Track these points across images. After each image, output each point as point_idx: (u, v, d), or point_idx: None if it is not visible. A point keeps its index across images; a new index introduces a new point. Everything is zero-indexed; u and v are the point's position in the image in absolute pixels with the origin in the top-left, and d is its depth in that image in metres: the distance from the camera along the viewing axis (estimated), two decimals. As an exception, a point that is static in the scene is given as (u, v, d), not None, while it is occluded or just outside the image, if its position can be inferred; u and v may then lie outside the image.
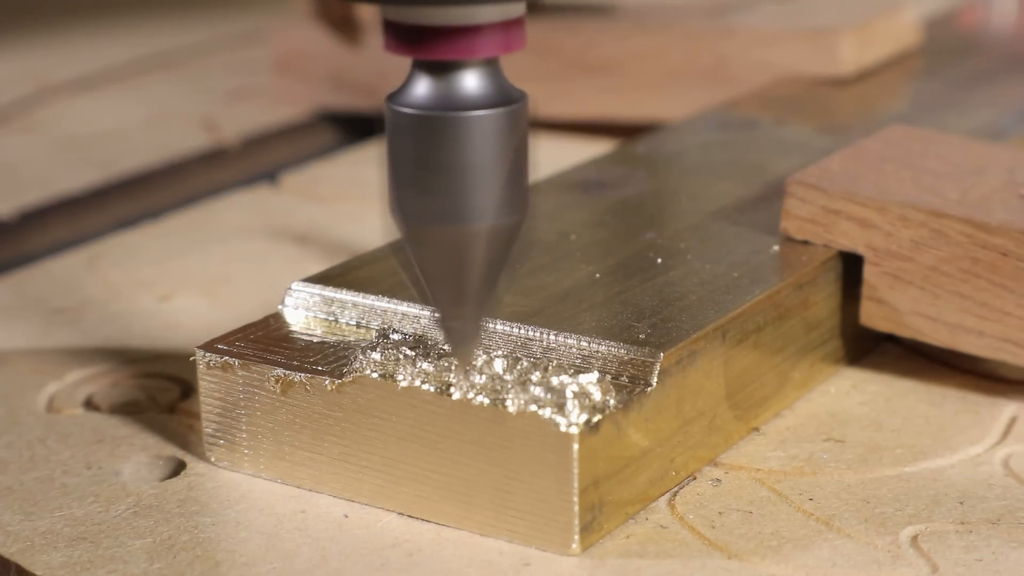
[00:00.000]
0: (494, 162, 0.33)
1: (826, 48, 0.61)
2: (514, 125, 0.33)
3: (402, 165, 0.34)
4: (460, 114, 0.33)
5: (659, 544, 0.35)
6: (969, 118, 0.55)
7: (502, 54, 0.33)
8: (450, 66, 0.33)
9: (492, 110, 0.33)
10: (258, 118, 0.70)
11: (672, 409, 0.37)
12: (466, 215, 0.33)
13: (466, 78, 0.33)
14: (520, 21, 0.33)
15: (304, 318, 0.40)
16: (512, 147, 0.33)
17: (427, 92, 0.33)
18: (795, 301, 0.41)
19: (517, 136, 0.33)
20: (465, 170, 0.33)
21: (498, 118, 0.33)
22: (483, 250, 0.34)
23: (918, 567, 0.34)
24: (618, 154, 0.52)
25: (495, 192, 0.33)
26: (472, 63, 0.33)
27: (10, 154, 0.67)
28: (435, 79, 0.33)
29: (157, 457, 0.40)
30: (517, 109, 0.33)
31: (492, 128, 0.33)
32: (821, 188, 0.42)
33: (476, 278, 0.34)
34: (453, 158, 0.33)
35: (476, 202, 0.33)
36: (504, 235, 0.34)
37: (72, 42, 0.89)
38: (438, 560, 0.35)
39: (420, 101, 0.33)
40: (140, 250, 0.55)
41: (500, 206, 0.33)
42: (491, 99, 0.33)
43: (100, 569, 0.35)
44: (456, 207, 0.33)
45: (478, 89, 0.33)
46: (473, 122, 0.33)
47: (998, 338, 0.40)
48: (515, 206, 0.34)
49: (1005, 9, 0.74)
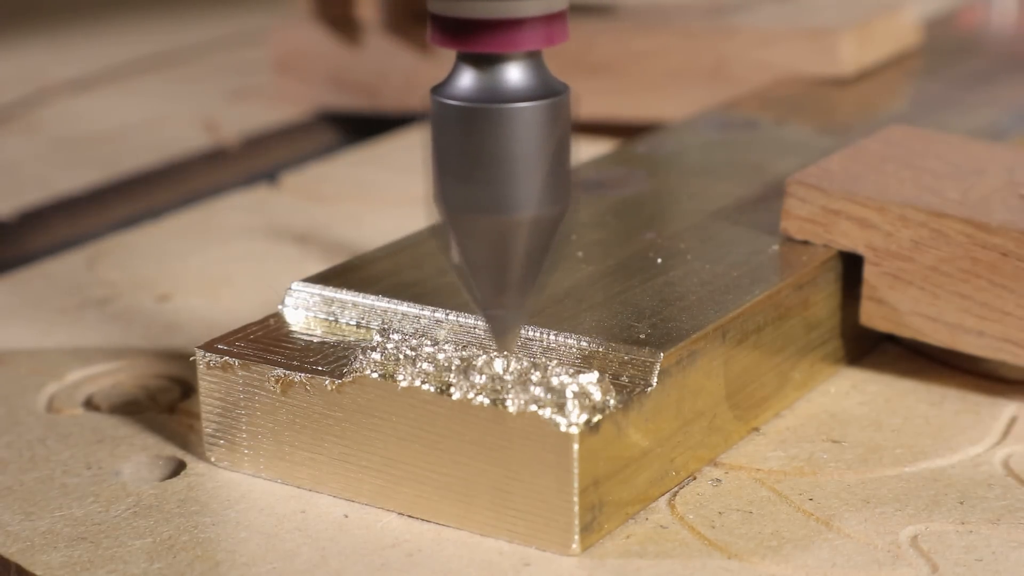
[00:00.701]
0: (537, 153, 0.34)
1: (826, 48, 0.61)
2: (556, 117, 0.34)
3: (446, 156, 0.34)
4: (504, 106, 0.34)
5: (659, 544, 0.35)
6: (969, 118, 0.55)
7: (545, 47, 0.34)
8: (494, 59, 0.34)
9: (535, 102, 0.34)
10: (258, 118, 0.70)
11: (672, 409, 0.37)
12: (509, 205, 0.34)
13: (510, 70, 0.34)
14: (563, 15, 0.34)
15: (304, 318, 0.40)
16: (555, 138, 0.34)
17: (471, 84, 0.34)
18: (795, 301, 0.41)
19: (560, 127, 0.34)
20: (508, 161, 0.34)
21: (541, 110, 0.34)
22: (525, 240, 0.34)
23: (918, 567, 0.34)
24: (618, 154, 0.52)
25: (538, 182, 0.34)
26: (515, 56, 0.34)
27: (10, 154, 0.67)
28: (479, 71, 0.34)
29: (157, 457, 0.40)
30: (560, 101, 0.34)
31: (535, 120, 0.34)
32: (821, 188, 0.42)
33: (518, 268, 0.35)
34: (497, 149, 0.34)
35: (519, 192, 0.34)
36: (546, 225, 0.34)
37: (72, 42, 0.89)
38: (438, 560, 0.35)
39: (465, 93, 0.34)
40: (140, 250, 0.55)
41: (543, 196, 0.34)
42: (534, 91, 0.34)
43: (100, 569, 0.35)
44: (499, 197, 0.34)
45: (521, 81, 0.34)
46: (517, 114, 0.34)
47: (998, 338, 0.40)
48: (557, 196, 0.34)
49: (1005, 9, 0.74)
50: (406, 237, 0.44)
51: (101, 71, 0.80)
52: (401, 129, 0.68)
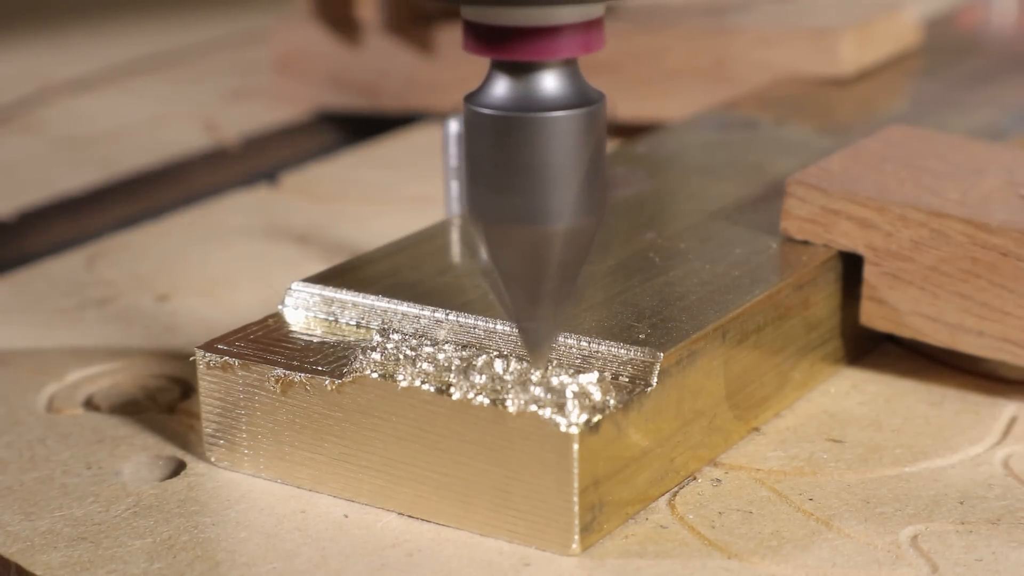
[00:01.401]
0: (572, 163, 0.33)
1: (826, 48, 0.61)
2: (592, 126, 0.33)
3: (480, 165, 0.34)
4: (539, 115, 0.33)
5: (659, 544, 0.35)
6: (969, 118, 0.55)
7: (581, 55, 0.33)
8: (529, 67, 0.33)
9: (571, 111, 0.33)
10: (258, 118, 0.70)
11: (672, 409, 0.37)
12: (544, 215, 0.33)
13: (545, 79, 0.33)
14: (599, 22, 0.33)
15: (304, 318, 0.40)
16: (590, 148, 0.33)
17: (507, 93, 0.33)
18: (795, 301, 0.41)
19: (595, 136, 0.34)
20: (543, 171, 0.33)
21: (576, 119, 0.33)
22: (560, 251, 0.34)
23: (918, 567, 0.34)
24: (618, 154, 0.52)
25: (572, 193, 0.33)
26: (551, 64, 0.33)
27: (10, 154, 0.67)
28: (514, 80, 0.33)
29: (157, 457, 0.40)
30: (595, 110, 0.33)
31: (570, 129, 0.33)
32: (821, 188, 0.42)
33: (552, 279, 0.34)
34: (531, 159, 0.33)
35: (554, 203, 0.33)
36: (581, 236, 0.34)
37: (72, 42, 0.89)
38: (438, 560, 0.35)
39: (500, 102, 0.33)
40: (140, 250, 0.55)
41: (577, 207, 0.33)
42: (570, 100, 0.33)
43: (100, 569, 0.35)
44: (534, 207, 0.33)
45: (557, 90, 0.33)
46: (552, 123, 0.33)
47: (998, 338, 0.40)
48: (592, 207, 0.34)
49: (1005, 9, 0.74)
50: (406, 237, 0.44)
51: (101, 71, 0.80)
52: (401, 129, 0.68)
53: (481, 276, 0.39)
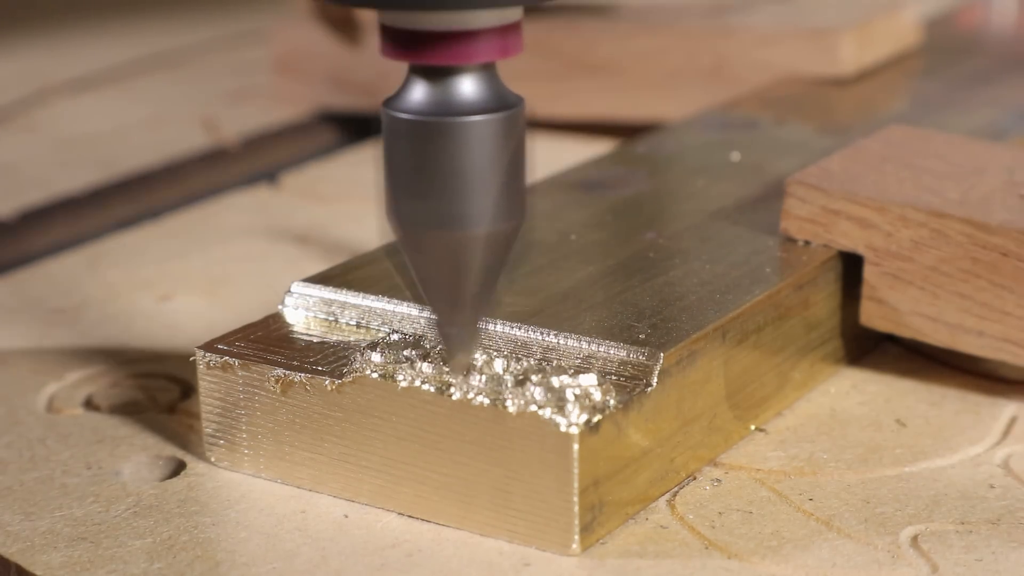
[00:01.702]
0: (491, 167, 0.33)
1: (826, 48, 0.61)
2: (511, 130, 0.33)
3: (399, 170, 0.33)
4: (457, 119, 0.33)
5: (659, 544, 0.35)
6: (969, 118, 0.55)
7: (499, 59, 0.33)
8: (447, 71, 0.33)
9: (489, 115, 0.33)
10: (258, 118, 0.70)
11: (672, 409, 0.37)
12: (464, 220, 0.33)
13: (463, 83, 0.33)
14: (517, 26, 0.33)
15: (304, 318, 0.40)
16: (509, 152, 0.33)
17: (424, 97, 0.33)
18: (795, 301, 0.41)
19: (514, 141, 0.33)
20: (463, 175, 0.33)
21: (495, 123, 0.33)
22: (480, 255, 0.34)
23: (918, 567, 0.34)
24: (618, 154, 0.52)
25: (492, 197, 0.33)
26: (469, 68, 0.33)
27: (10, 154, 0.67)
28: (432, 84, 0.33)
29: (157, 457, 0.40)
30: (514, 114, 0.33)
31: (489, 133, 0.33)
32: (821, 188, 0.42)
33: (473, 283, 0.34)
34: (450, 163, 0.33)
35: (474, 207, 0.33)
36: (501, 240, 0.34)
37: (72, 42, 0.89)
38: (438, 560, 0.35)
39: (417, 106, 0.33)
40: (140, 250, 0.55)
41: (497, 211, 0.33)
42: (488, 104, 0.33)
43: (100, 569, 0.35)
44: (453, 212, 0.33)
45: (475, 94, 0.33)
46: (470, 127, 0.33)
47: (998, 338, 0.40)
48: (512, 211, 0.34)
49: (1005, 9, 0.74)
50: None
51: (101, 71, 0.80)
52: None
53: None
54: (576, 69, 0.65)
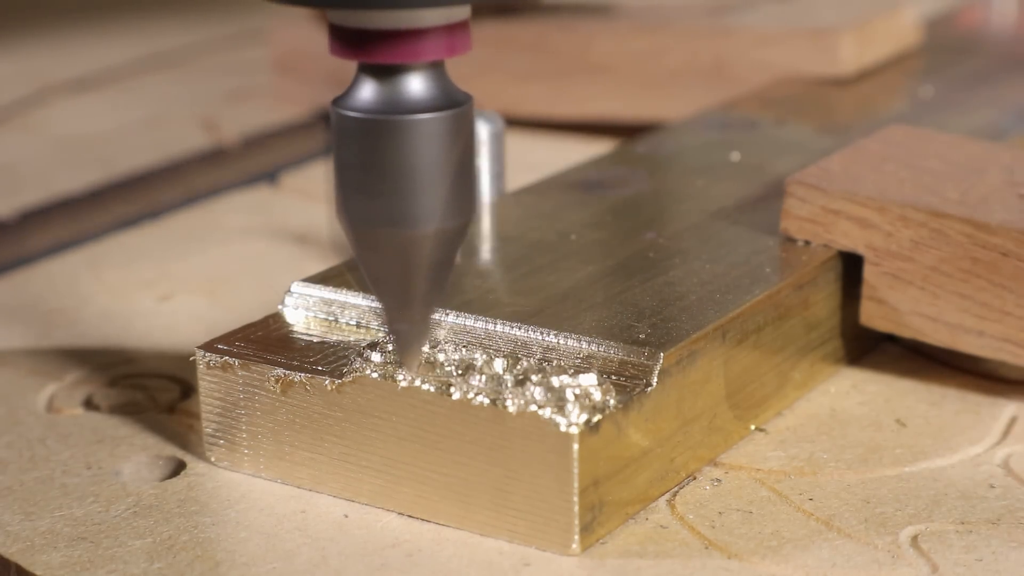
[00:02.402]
0: (440, 165, 0.33)
1: (826, 48, 0.61)
2: (459, 128, 0.33)
3: (349, 169, 0.34)
4: (405, 118, 0.33)
5: (659, 544, 0.35)
6: (969, 118, 0.55)
7: (447, 57, 0.33)
8: (395, 70, 0.33)
9: (437, 113, 0.33)
10: (258, 118, 0.70)
11: (672, 409, 0.37)
12: (412, 219, 0.33)
13: (411, 81, 0.33)
14: (465, 24, 0.33)
15: (304, 318, 0.40)
16: (457, 150, 0.33)
17: (373, 96, 0.33)
18: (795, 301, 0.41)
19: (463, 139, 0.33)
20: (411, 174, 0.33)
21: (443, 121, 0.33)
22: (429, 253, 0.34)
23: (918, 567, 0.34)
24: (618, 154, 0.52)
25: (441, 195, 0.33)
26: (417, 67, 0.33)
27: (10, 154, 0.67)
28: (381, 83, 0.33)
29: (157, 457, 0.40)
30: (462, 112, 0.33)
31: (437, 131, 0.33)
32: (821, 188, 0.42)
33: (423, 281, 0.34)
34: (399, 162, 0.33)
35: (422, 205, 0.33)
36: (450, 238, 0.34)
37: (72, 42, 0.89)
38: (438, 560, 0.35)
39: (366, 105, 0.33)
40: (140, 250, 0.55)
41: (446, 209, 0.33)
42: (436, 102, 0.33)
43: (100, 569, 0.35)
44: (402, 211, 0.33)
45: (423, 92, 0.33)
46: (419, 125, 0.33)
47: (998, 338, 0.40)
48: (461, 209, 0.34)
49: (1005, 9, 0.74)
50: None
51: (101, 71, 0.80)
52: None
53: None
54: (576, 69, 0.65)
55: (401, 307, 0.35)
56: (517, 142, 0.57)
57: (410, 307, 0.35)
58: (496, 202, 0.47)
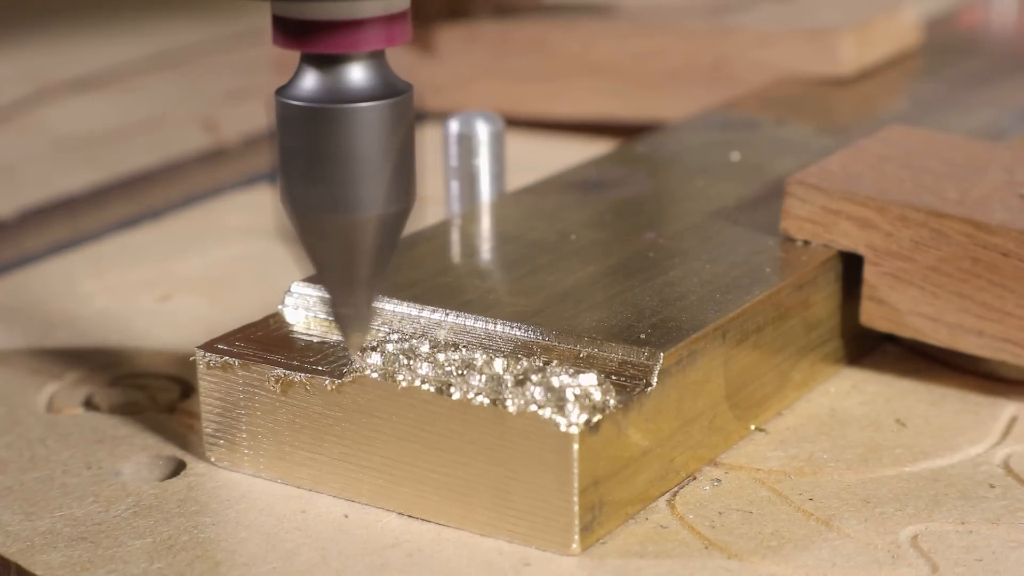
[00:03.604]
0: (380, 152, 0.34)
1: (826, 48, 0.61)
2: (400, 116, 0.34)
3: (291, 156, 0.34)
4: (346, 106, 0.34)
5: (659, 544, 0.35)
6: (969, 118, 0.55)
7: (386, 47, 0.34)
8: (336, 59, 0.34)
9: (377, 102, 0.34)
10: (258, 118, 0.70)
11: (672, 409, 0.37)
12: (354, 204, 0.34)
13: (352, 71, 0.34)
14: (404, 15, 0.34)
15: (304, 318, 0.40)
16: (398, 137, 0.34)
17: (315, 85, 0.34)
18: (795, 301, 0.41)
19: (403, 126, 0.34)
20: (352, 161, 0.34)
21: (383, 109, 0.34)
22: (371, 238, 0.34)
23: (918, 567, 0.34)
24: (618, 154, 0.52)
25: (382, 181, 0.34)
26: (357, 56, 0.34)
27: (10, 154, 0.67)
28: (322, 72, 0.34)
29: (157, 457, 0.40)
30: (403, 100, 0.34)
31: (377, 119, 0.34)
32: (821, 188, 0.42)
33: (366, 265, 0.35)
34: (340, 149, 0.34)
35: (363, 191, 0.34)
36: (391, 223, 0.35)
37: (72, 42, 0.89)
38: (438, 560, 0.35)
39: (308, 94, 0.34)
40: (140, 250, 0.55)
41: (387, 195, 0.34)
42: (376, 91, 0.34)
43: (100, 569, 0.35)
44: (344, 197, 0.34)
45: (364, 81, 0.34)
46: (359, 113, 0.34)
47: (998, 338, 0.40)
48: (401, 195, 0.35)
49: (1005, 9, 0.74)
50: (406, 237, 0.44)
51: (101, 71, 0.80)
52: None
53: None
54: (576, 69, 0.65)
55: (345, 292, 0.35)
56: (517, 142, 0.57)
57: (354, 291, 0.35)
58: (496, 202, 0.47)
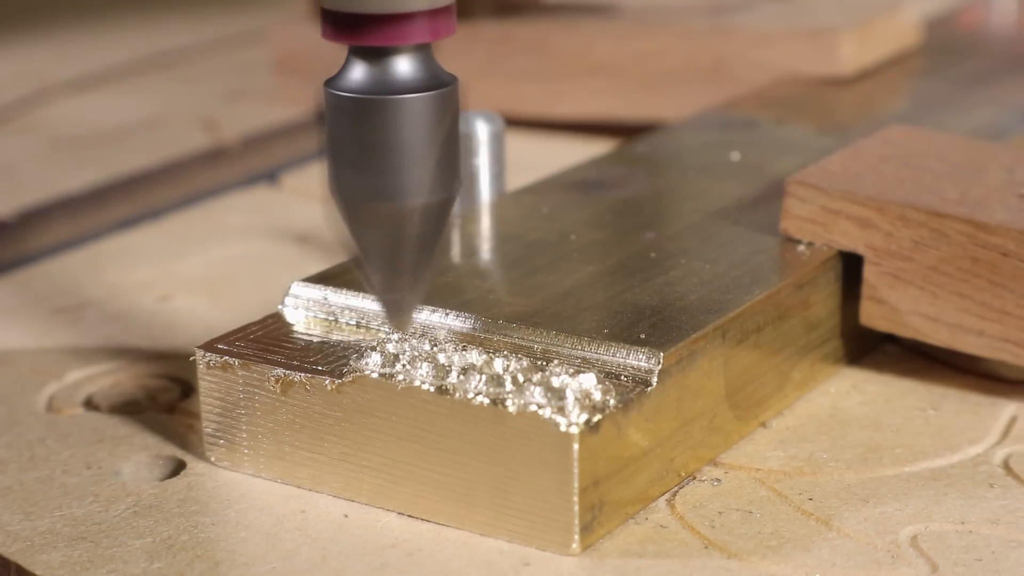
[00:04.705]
0: (427, 142, 0.35)
1: (826, 48, 0.61)
2: (445, 107, 0.35)
3: (340, 146, 0.35)
4: (394, 97, 0.34)
5: (659, 544, 0.35)
6: (969, 118, 0.55)
7: (432, 40, 0.35)
8: (384, 52, 0.35)
9: (423, 93, 0.35)
10: (258, 118, 0.70)
11: (672, 409, 0.37)
12: (400, 192, 0.35)
13: (399, 63, 0.35)
14: (449, 9, 0.35)
15: (304, 318, 0.40)
16: (444, 128, 0.35)
17: (363, 77, 0.35)
18: (795, 301, 0.41)
19: (448, 118, 0.35)
20: (399, 150, 0.35)
21: (429, 100, 0.35)
22: (417, 226, 0.35)
23: (918, 567, 0.34)
24: (618, 154, 0.52)
25: (427, 170, 0.35)
26: (404, 49, 0.35)
27: (10, 154, 0.67)
28: (370, 64, 0.35)
29: (157, 457, 0.40)
30: (448, 92, 0.35)
31: (424, 109, 0.35)
32: (821, 188, 0.42)
33: (411, 253, 0.36)
34: (388, 138, 0.35)
35: (409, 180, 0.35)
36: (436, 211, 0.35)
37: (72, 42, 0.89)
38: (438, 560, 0.35)
39: (356, 85, 0.35)
40: (140, 250, 0.55)
41: (432, 184, 0.35)
42: (423, 83, 0.35)
43: (100, 569, 0.35)
44: (391, 185, 0.35)
45: (411, 73, 0.35)
46: (407, 104, 0.34)
47: (998, 338, 0.40)
48: (446, 183, 0.35)
49: (1005, 9, 0.74)
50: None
51: (101, 71, 0.80)
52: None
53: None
54: (576, 69, 0.65)
55: (391, 278, 0.36)
56: (517, 142, 0.57)
57: (399, 278, 0.36)
58: (496, 202, 0.47)
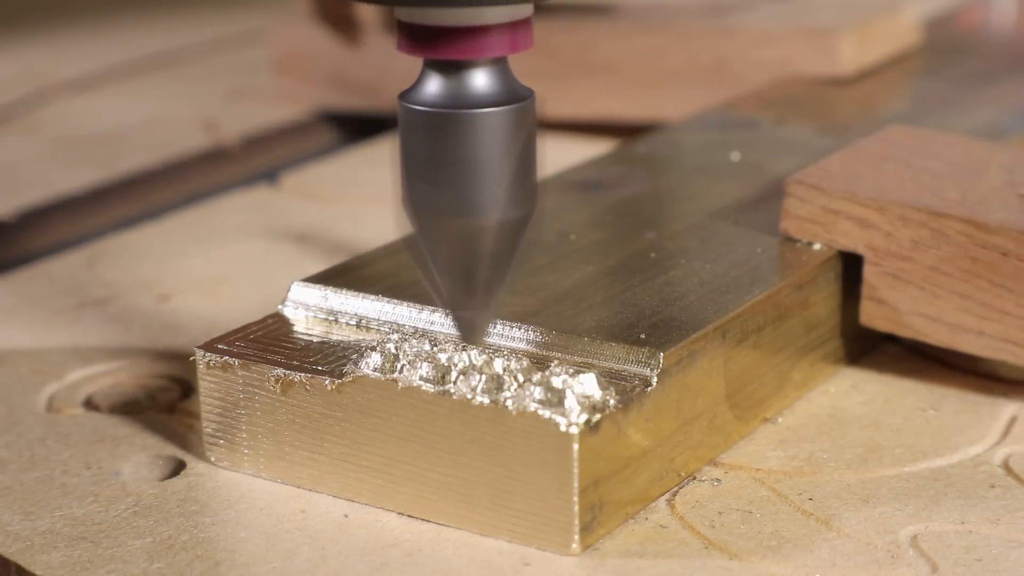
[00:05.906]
0: (502, 157, 0.34)
1: (826, 48, 0.61)
2: (522, 122, 0.34)
3: (415, 160, 0.34)
4: (470, 112, 0.34)
5: (659, 544, 0.35)
6: (969, 118, 0.55)
7: (510, 53, 0.34)
8: (460, 65, 0.34)
9: (500, 108, 0.34)
10: (258, 118, 0.70)
11: (672, 409, 0.37)
12: (476, 208, 0.34)
13: (475, 76, 0.34)
14: (527, 21, 0.34)
15: (304, 318, 0.40)
16: (520, 143, 0.34)
17: (438, 90, 0.34)
18: (795, 301, 0.41)
19: (525, 132, 0.34)
20: (475, 165, 0.34)
21: (506, 115, 0.34)
22: (492, 242, 0.34)
23: (918, 567, 0.34)
24: (618, 154, 0.52)
25: (503, 186, 0.34)
26: (481, 62, 0.34)
27: (10, 154, 0.67)
28: (446, 77, 0.34)
29: (157, 457, 0.40)
30: (524, 106, 0.34)
31: (500, 125, 0.34)
32: (821, 188, 0.42)
33: (485, 269, 0.35)
34: (463, 154, 0.34)
35: (485, 196, 0.34)
36: (512, 228, 0.35)
37: (72, 42, 0.89)
38: (438, 560, 0.35)
39: (432, 99, 0.34)
40: (140, 250, 0.55)
41: (508, 200, 0.34)
42: (499, 97, 0.34)
43: (100, 569, 0.35)
44: (466, 201, 0.34)
45: (487, 87, 0.34)
46: (482, 119, 0.34)
47: (998, 338, 0.40)
48: (523, 200, 0.35)
49: (1005, 9, 0.74)
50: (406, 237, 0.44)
51: (101, 71, 0.80)
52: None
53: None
54: (576, 69, 0.65)
55: (464, 294, 0.35)
56: (517, 142, 0.57)
57: (472, 294, 0.35)
58: (496, 202, 0.47)
